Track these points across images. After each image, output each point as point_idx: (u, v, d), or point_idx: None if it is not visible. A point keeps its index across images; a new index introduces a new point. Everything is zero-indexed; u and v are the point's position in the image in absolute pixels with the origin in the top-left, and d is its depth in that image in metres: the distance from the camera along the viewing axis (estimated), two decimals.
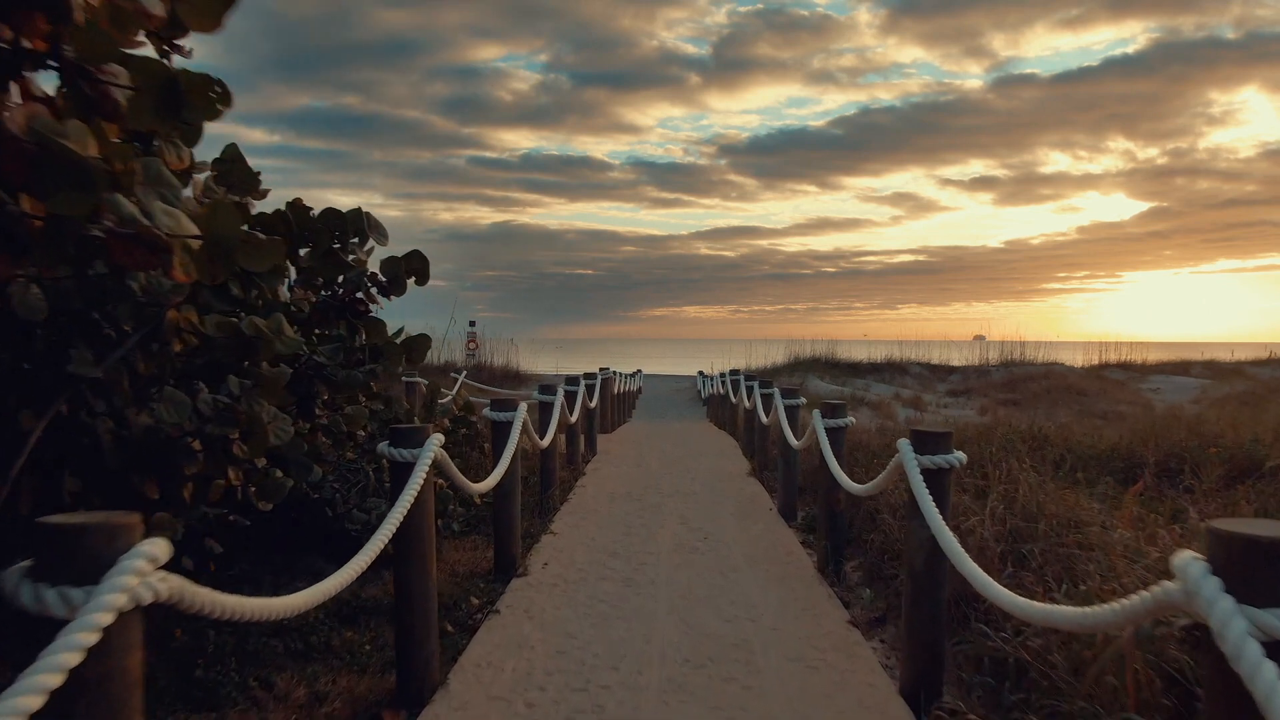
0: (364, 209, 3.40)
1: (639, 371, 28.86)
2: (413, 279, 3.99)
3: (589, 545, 5.80)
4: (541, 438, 6.58)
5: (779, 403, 6.91)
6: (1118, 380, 29.10)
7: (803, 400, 7.07)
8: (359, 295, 3.74)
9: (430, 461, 3.22)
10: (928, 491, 3.14)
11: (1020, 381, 28.34)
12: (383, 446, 3.29)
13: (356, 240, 3.45)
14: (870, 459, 6.90)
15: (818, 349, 33.51)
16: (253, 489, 3.90)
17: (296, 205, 3.21)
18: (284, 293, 3.58)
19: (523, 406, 5.19)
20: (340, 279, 3.57)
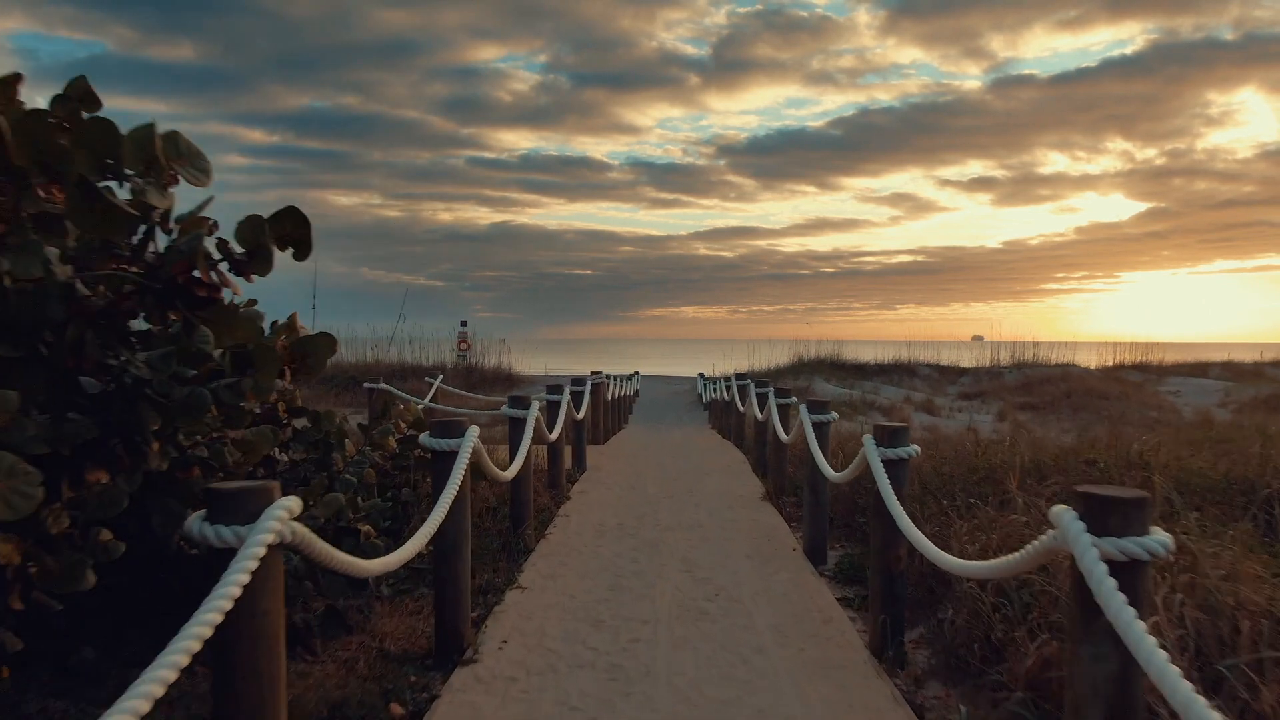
0: (169, 128, 2.05)
1: (636, 374, 27.49)
2: (290, 250, 2.65)
3: (565, 607, 4.46)
4: (510, 462, 5.23)
5: (806, 418, 5.57)
6: (1135, 382, 27.75)
7: (834, 415, 5.73)
8: (195, 274, 2.39)
9: (265, 548, 1.88)
10: (1122, 598, 1.81)
11: (1036, 384, 26.95)
12: (192, 522, 1.96)
13: (152, 179, 2.11)
14: (919, 490, 5.56)
15: (823, 349, 32.15)
16: (33, 569, 2.56)
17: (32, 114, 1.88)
18: (64, 269, 2.24)
19: (472, 431, 3.85)
20: (147, 245, 2.23)
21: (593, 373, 11.95)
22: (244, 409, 3.07)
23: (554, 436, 6.95)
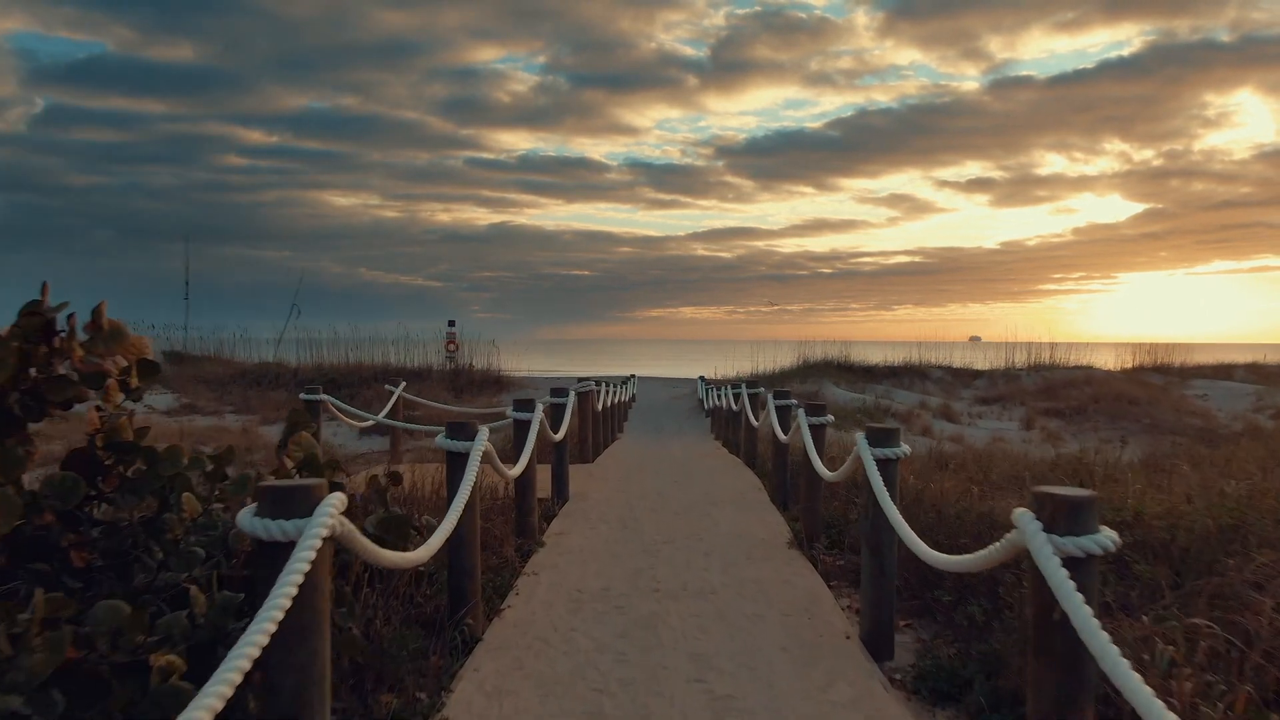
0: None
1: (632, 377, 25.83)
2: None
3: None
4: (451, 509, 3.55)
5: (866, 453, 3.91)
6: (1158, 385, 26.13)
7: (905, 450, 4.05)
8: None
9: None
10: None
11: (1058, 388, 25.31)
12: None
13: None
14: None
15: (829, 350, 30.41)
16: None
17: None
18: None
19: (327, 505, 2.19)
20: None
21: (580, 379, 10.27)
22: None
23: (519, 470, 5.26)
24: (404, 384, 10.04)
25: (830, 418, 5.84)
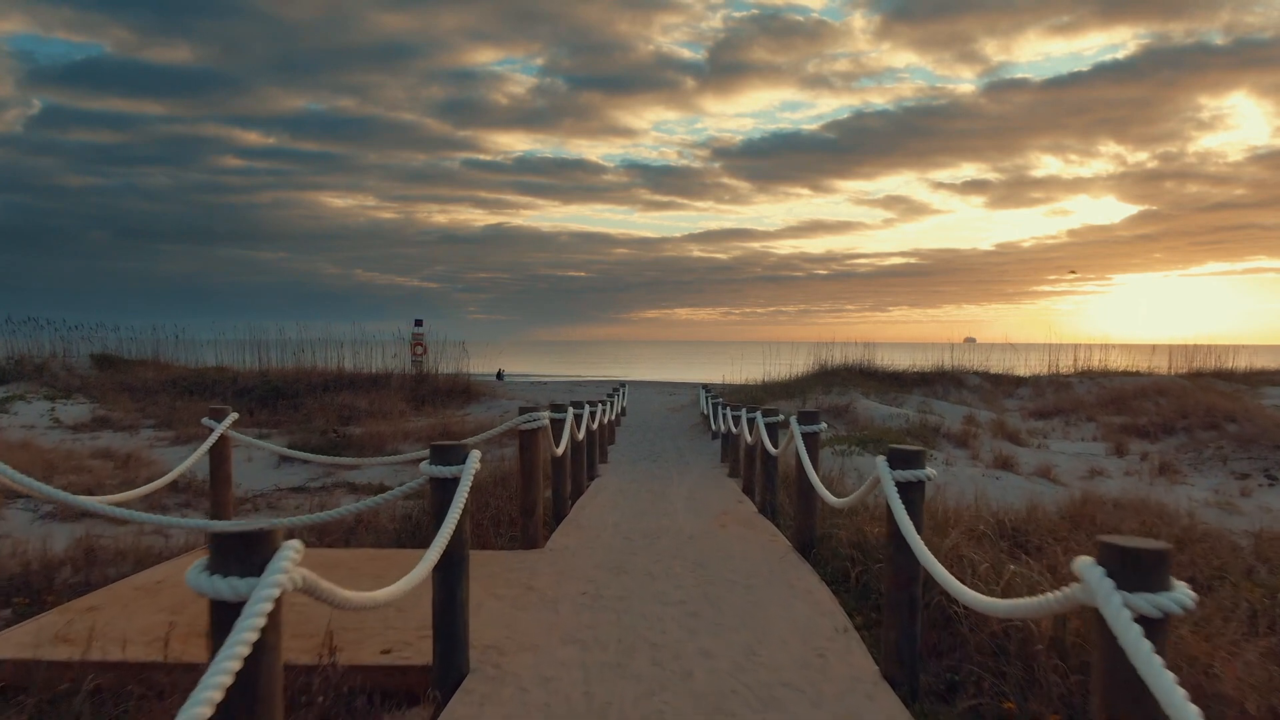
0: None
1: (622, 387, 21.79)
2: None
3: None
4: None
5: None
6: (1228, 393, 22.19)
7: None
8: None
9: None
10: None
11: (1127, 399, 21.21)
12: None
13: None
14: None
15: (849, 353, 26.29)
16: None
17: None
18: None
19: None
20: None
21: (522, 409, 6.25)
22: None
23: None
24: (234, 416, 6.06)
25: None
